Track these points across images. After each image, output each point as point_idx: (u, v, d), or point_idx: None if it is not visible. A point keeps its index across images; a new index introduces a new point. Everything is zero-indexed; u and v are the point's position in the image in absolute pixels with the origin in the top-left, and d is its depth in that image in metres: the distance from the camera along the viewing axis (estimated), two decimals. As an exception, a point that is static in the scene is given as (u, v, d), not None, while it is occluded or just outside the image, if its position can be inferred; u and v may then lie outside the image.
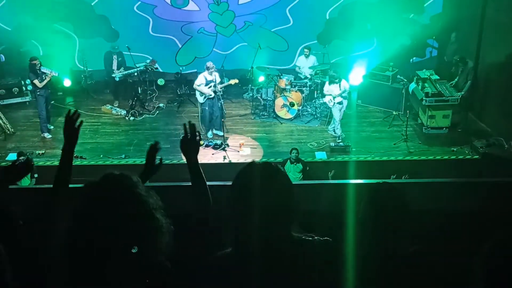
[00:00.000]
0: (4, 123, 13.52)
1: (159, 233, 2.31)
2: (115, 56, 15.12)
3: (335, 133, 13.35)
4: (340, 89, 12.95)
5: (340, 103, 13.06)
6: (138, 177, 2.49)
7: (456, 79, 13.44)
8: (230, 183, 2.51)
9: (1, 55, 13.33)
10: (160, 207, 2.37)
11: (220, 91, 13.12)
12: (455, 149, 12.63)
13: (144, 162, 3.43)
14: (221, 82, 13.31)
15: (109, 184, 2.34)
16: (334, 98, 13.02)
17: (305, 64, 15.04)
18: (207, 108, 13.18)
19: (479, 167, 11.69)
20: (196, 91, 13.31)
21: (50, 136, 13.47)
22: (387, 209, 3.00)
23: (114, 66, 15.08)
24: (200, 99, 13.19)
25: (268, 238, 2.37)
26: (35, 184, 10.74)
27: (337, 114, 13.19)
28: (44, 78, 13.06)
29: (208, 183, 3.13)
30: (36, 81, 13.02)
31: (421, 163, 12.31)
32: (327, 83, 13.26)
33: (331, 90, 13.05)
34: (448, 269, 3.10)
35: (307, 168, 11.31)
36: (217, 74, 13.11)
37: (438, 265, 3.06)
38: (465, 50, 14.09)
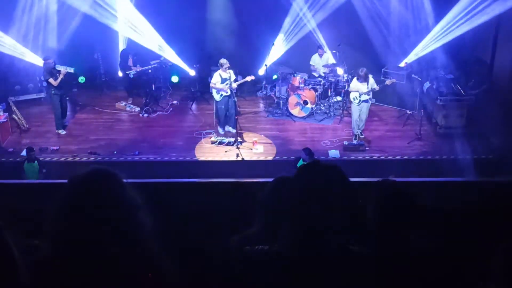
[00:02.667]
0: (19, 118, 13.63)
1: (140, 230, 2.32)
2: (131, 54, 15.27)
3: (361, 134, 13.28)
4: (368, 87, 12.87)
5: (365, 101, 12.94)
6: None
7: (472, 81, 13.34)
8: (243, 180, 2.51)
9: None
10: (142, 205, 2.38)
11: (234, 89, 13.12)
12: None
13: None
14: (236, 80, 13.30)
15: (93, 180, 2.33)
16: (360, 95, 12.90)
17: (319, 62, 15.01)
18: (223, 107, 13.18)
19: (494, 167, 11.62)
20: (212, 89, 13.31)
21: (64, 132, 13.58)
22: (397, 208, 2.99)
23: (130, 63, 15.20)
24: (217, 97, 13.16)
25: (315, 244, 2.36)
26: (43, 179, 10.85)
27: (356, 112, 13.07)
28: (58, 76, 13.16)
29: (220, 180, 3.13)
30: (51, 80, 13.11)
31: (435, 162, 12.24)
32: (354, 79, 13.08)
33: (359, 87, 12.91)
34: (461, 266, 3.08)
35: None
36: (231, 71, 13.12)
37: (450, 263, 3.05)
38: (481, 48, 13.98)
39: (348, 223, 2.35)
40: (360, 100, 12.91)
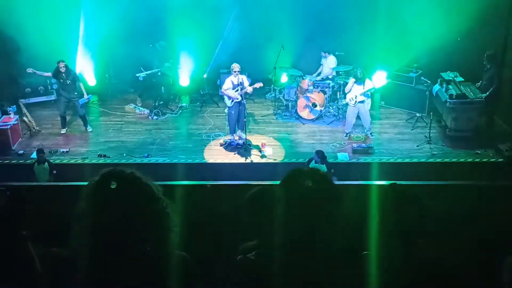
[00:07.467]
0: (29, 121, 13.71)
1: (169, 231, 2.32)
2: (159, 44, 15.35)
3: (371, 135, 13.42)
4: (364, 88, 12.90)
5: (361, 102, 13.01)
6: None
7: (480, 82, 13.28)
8: (250, 182, 2.52)
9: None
10: (169, 207, 2.36)
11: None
12: (479, 152, 12.49)
13: None
14: (250, 84, 13.08)
15: (122, 183, 2.29)
16: (356, 97, 12.99)
17: (326, 65, 14.98)
18: (233, 112, 12.99)
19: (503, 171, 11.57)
20: (224, 96, 13.19)
21: (64, 131, 13.69)
22: (409, 213, 2.97)
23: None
24: (228, 103, 12.97)
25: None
26: (53, 181, 10.90)
27: (353, 114, 13.22)
28: (63, 81, 13.23)
29: (229, 182, 3.14)
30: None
31: (444, 165, 12.19)
32: (351, 80, 13.18)
33: (354, 89, 13.02)
34: (471, 272, 3.07)
35: (332, 171, 10.71)
36: (244, 77, 12.94)
37: (461, 268, 3.04)
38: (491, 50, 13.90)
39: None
40: (356, 101, 13.03)
